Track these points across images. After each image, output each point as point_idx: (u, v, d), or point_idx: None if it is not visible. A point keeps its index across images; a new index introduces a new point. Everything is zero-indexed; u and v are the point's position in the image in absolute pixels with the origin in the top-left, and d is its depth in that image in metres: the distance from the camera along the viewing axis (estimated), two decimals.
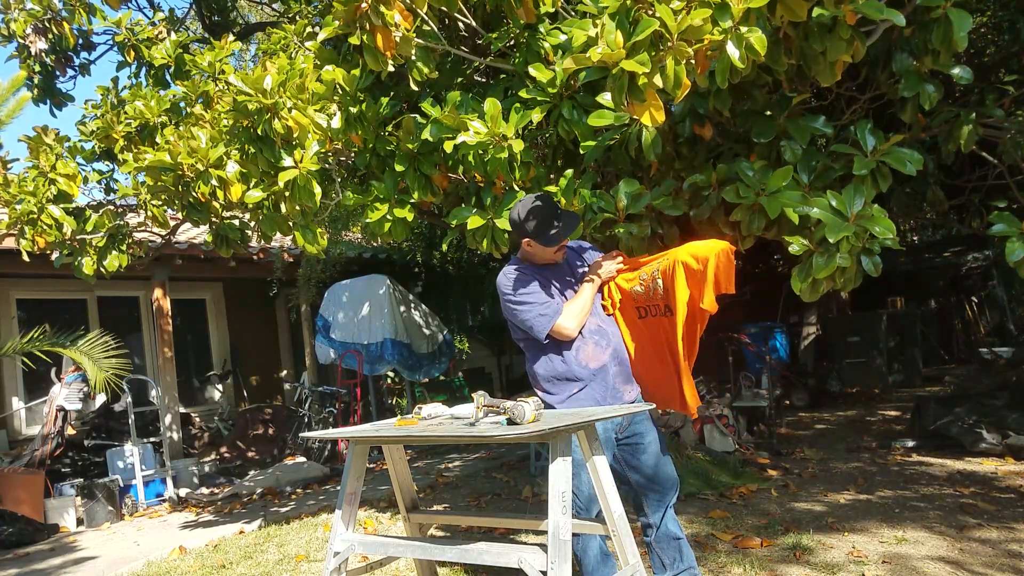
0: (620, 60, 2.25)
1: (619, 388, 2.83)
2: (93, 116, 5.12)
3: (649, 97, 2.32)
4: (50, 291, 8.25)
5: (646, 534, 2.91)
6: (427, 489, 6.25)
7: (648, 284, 2.83)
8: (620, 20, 2.30)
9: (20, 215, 4.48)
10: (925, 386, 9.47)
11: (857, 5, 2.41)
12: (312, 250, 3.90)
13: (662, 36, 2.26)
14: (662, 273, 2.79)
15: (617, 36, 2.27)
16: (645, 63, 2.23)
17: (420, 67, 3.14)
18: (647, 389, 2.93)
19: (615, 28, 2.28)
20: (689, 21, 2.22)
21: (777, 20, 2.50)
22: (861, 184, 2.88)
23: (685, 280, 2.71)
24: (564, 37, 3.01)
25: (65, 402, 6.70)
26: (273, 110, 3.43)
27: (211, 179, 3.69)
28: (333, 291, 8.73)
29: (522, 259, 2.94)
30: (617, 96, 2.32)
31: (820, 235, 2.74)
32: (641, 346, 2.92)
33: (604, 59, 2.26)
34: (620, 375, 2.85)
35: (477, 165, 3.17)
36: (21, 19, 4.99)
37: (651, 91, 2.31)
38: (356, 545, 2.56)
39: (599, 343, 2.82)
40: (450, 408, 2.75)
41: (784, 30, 2.63)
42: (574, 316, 2.78)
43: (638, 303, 2.88)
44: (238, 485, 7.14)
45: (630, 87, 2.29)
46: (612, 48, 2.26)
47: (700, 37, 2.28)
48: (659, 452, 2.87)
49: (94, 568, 4.83)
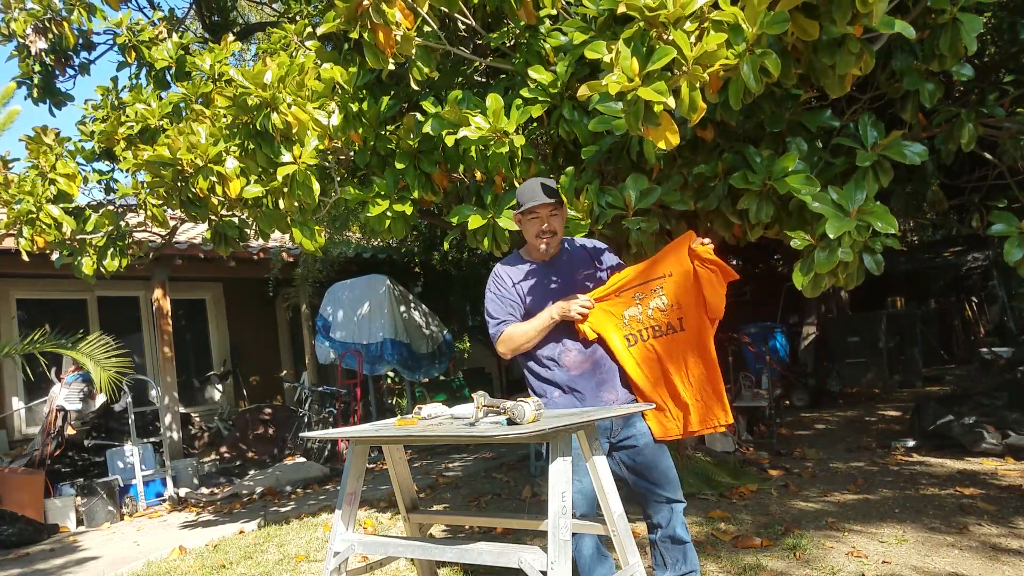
0: (636, 88, 2.23)
1: (602, 397, 2.78)
2: (93, 116, 5.13)
3: (664, 121, 2.30)
4: (50, 291, 8.24)
5: (651, 532, 2.87)
6: (427, 489, 6.24)
7: (646, 303, 2.76)
8: (635, 47, 2.26)
9: (19, 215, 4.48)
10: (925, 386, 9.47)
11: (869, 24, 2.40)
12: (310, 247, 3.90)
13: (676, 61, 2.23)
14: (671, 285, 2.72)
15: (633, 63, 2.23)
16: (663, 92, 2.20)
17: (420, 66, 3.14)
18: (674, 413, 2.82)
19: (631, 55, 2.25)
20: (705, 47, 2.20)
21: (788, 38, 2.49)
22: (863, 178, 2.88)
23: (703, 285, 2.69)
24: (565, 38, 3.01)
25: (65, 402, 6.69)
26: (272, 104, 3.43)
27: (210, 175, 3.69)
28: (333, 291, 8.73)
29: (521, 252, 2.93)
30: (632, 122, 2.29)
31: (821, 230, 2.73)
32: (652, 369, 2.81)
33: (621, 88, 2.23)
34: (605, 384, 2.80)
35: (478, 161, 3.17)
36: (21, 19, 4.99)
37: (666, 116, 2.29)
38: (356, 545, 2.55)
39: (582, 351, 2.79)
40: (450, 408, 2.75)
41: (792, 43, 2.62)
42: (509, 340, 2.80)
43: (643, 325, 2.78)
44: (238, 485, 7.13)
45: (646, 114, 2.27)
46: (628, 75, 2.23)
47: (714, 61, 2.26)
48: (656, 453, 2.82)
49: (94, 568, 4.82)
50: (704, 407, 2.75)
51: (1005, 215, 3.01)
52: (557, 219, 2.76)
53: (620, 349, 2.80)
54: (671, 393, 2.79)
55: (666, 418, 2.80)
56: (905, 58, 3.05)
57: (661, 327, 2.75)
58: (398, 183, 3.63)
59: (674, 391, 2.78)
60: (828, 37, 2.52)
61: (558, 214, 2.77)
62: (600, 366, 2.81)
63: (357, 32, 2.84)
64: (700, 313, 2.71)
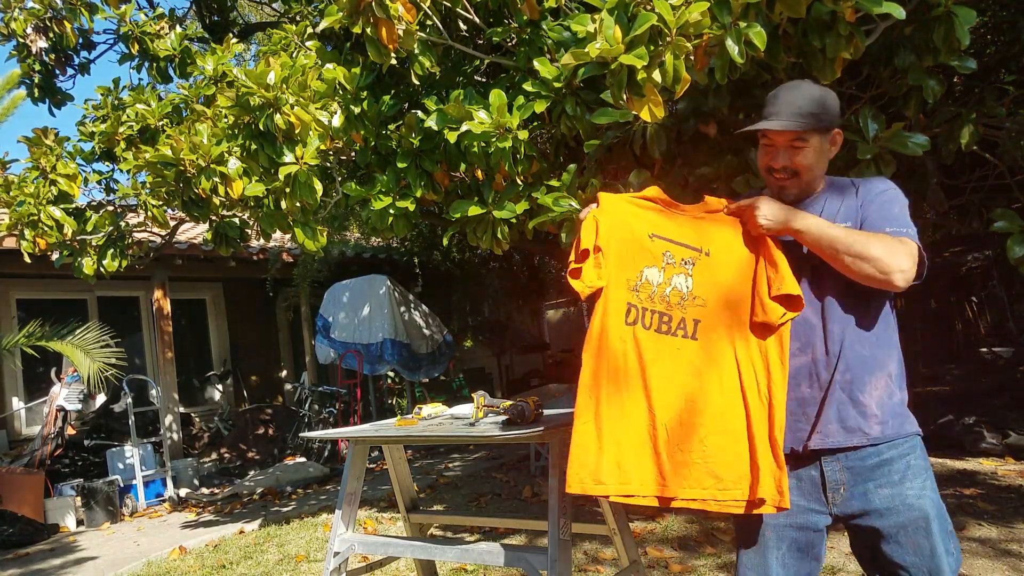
0: (619, 55, 2.26)
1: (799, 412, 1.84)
2: (93, 116, 5.12)
3: (648, 92, 2.32)
4: (50, 291, 8.24)
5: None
6: (427, 489, 6.24)
7: (669, 273, 1.83)
8: (619, 15, 2.31)
9: (20, 216, 4.48)
10: (925, 386, 9.47)
11: (857, 2, 2.40)
12: (312, 247, 3.90)
13: (661, 31, 2.26)
14: (706, 269, 1.83)
15: (616, 31, 2.27)
16: (643, 56, 2.23)
17: (422, 61, 3.14)
18: (584, 458, 1.81)
19: (614, 23, 2.29)
20: (687, 16, 2.23)
21: (776, 16, 2.50)
22: (865, 172, 2.88)
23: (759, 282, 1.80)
24: (568, 33, 3.01)
25: (65, 402, 6.70)
26: (275, 105, 3.44)
27: (213, 175, 3.69)
28: (333, 291, 8.74)
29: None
30: (616, 92, 2.32)
31: None
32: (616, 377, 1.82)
33: (603, 54, 2.27)
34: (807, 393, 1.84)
35: (480, 157, 3.17)
36: (22, 18, 4.98)
37: (650, 86, 2.31)
38: (356, 545, 2.55)
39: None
40: (450, 408, 2.75)
41: (783, 27, 2.64)
42: None
43: (649, 304, 1.82)
44: (238, 485, 7.13)
45: (629, 82, 2.30)
46: (611, 43, 2.27)
47: (699, 32, 2.29)
48: (925, 542, 1.78)
49: (94, 568, 4.82)
50: (686, 468, 1.75)
51: (1007, 212, 3.00)
52: (803, 154, 1.83)
53: (613, 322, 1.82)
54: (609, 426, 1.79)
55: (596, 464, 1.78)
56: (907, 55, 3.05)
57: (666, 319, 1.82)
58: (399, 182, 3.63)
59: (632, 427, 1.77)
60: (817, 15, 2.53)
61: (806, 147, 1.82)
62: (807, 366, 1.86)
63: (359, 26, 2.84)
64: (734, 326, 1.80)
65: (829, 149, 1.90)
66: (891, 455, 1.80)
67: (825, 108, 1.84)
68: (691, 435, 1.75)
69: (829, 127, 1.87)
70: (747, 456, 1.73)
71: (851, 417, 1.78)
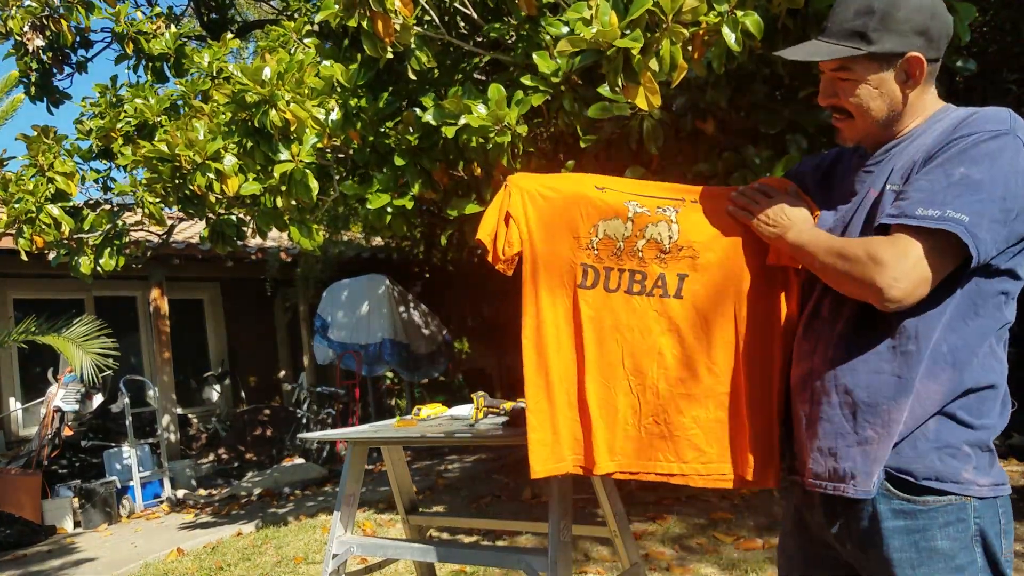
0: (614, 39, 2.25)
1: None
2: (91, 114, 5.10)
3: (644, 79, 2.31)
4: (47, 291, 8.22)
5: None
6: (427, 491, 6.22)
7: (640, 223, 1.58)
8: (615, 1, 2.31)
9: (18, 214, 4.46)
10: None
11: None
12: (308, 245, 3.88)
13: (658, 19, 2.27)
14: (693, 214, 1.57)
15: (612, 16, 2.27)
16: (639, 39, 2.23)
17: (420, 56, 3.12)
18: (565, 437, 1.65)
19: (610, 8, 2.29)
20: (683, 2, 2.24)
21: (775, 8, 2.49)
22: None
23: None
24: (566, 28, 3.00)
25: (62, 403, 6.66)
26: (271, 101, 3.41)
27: (208, 172, 3.67)
28: (332, 291, 8.71)
29: None
30: (612, 78, 2.32)
31: None
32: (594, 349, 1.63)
33: (598, 39, 2.26)
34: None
35: (478, 153, 3.15)
36: (19, 16, 4.96)
37: (646, 73, 2.31)
38: (354, 547, 2.53)
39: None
40: (449, 409, 2.72)
41: (783, 19, 2.62)
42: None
43: (616, 263, 1.59)
44: (236, 486, 7.10)
45: (625, 68, 2.29)
46: (606, 28, 2.26)
47: (696, 19, 2.29)
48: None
49: (92, 570, 4.80)
50: (661, 440, 1.59)
51: None
52: (850, 89, 1.36)
53: (558, 293, 1.63)
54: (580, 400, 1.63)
55: (554, 442, 1.63)
56: None
57: (642, 279, 1.58)
58: (398, 180, 3.61)
59: (592, 398, 1.61)
60: (816, 8, 2.53)
61: (853, 79, 1.35)
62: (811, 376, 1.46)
63: (356, 20, 2.82)
64: (735, 276, 1.54)
65: (907, 82, 1.33)
66: (894, 523, 1.35)
67: (886, 23, 1.28)
68: (668, 405, 1.57)
69: (891, 53, 1.29)
70: (738, 428, 1.54)
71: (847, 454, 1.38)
